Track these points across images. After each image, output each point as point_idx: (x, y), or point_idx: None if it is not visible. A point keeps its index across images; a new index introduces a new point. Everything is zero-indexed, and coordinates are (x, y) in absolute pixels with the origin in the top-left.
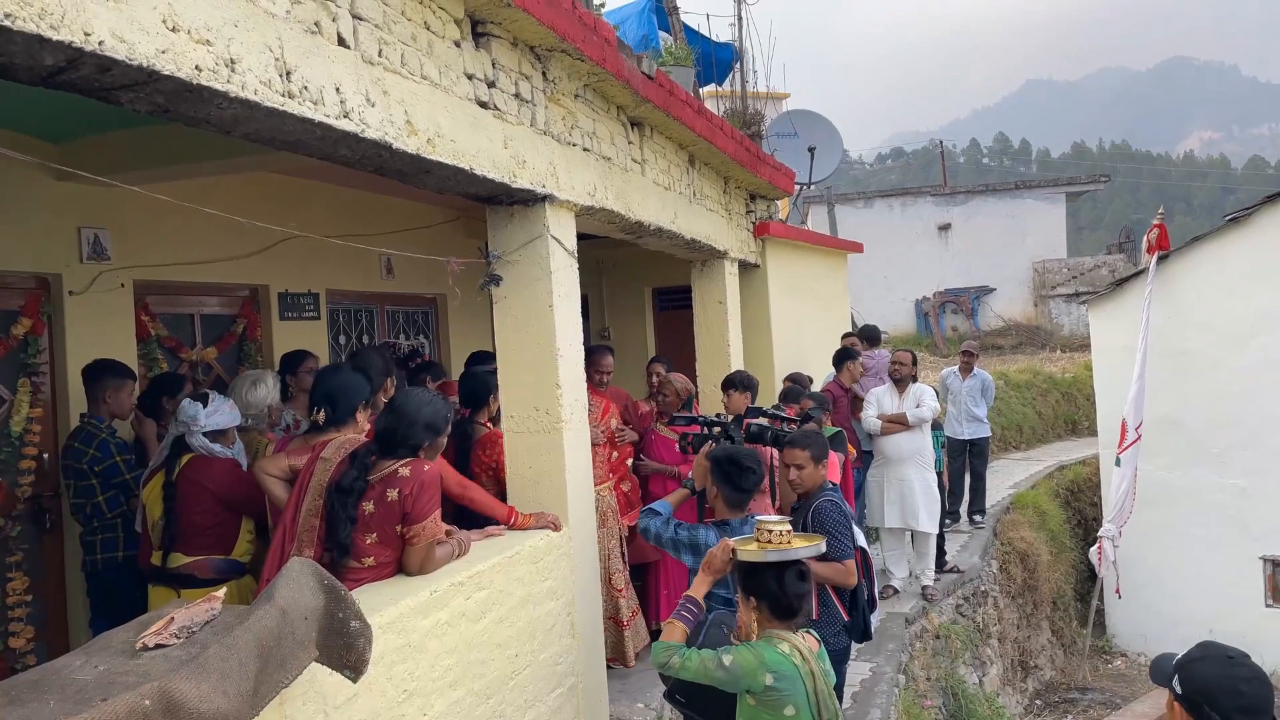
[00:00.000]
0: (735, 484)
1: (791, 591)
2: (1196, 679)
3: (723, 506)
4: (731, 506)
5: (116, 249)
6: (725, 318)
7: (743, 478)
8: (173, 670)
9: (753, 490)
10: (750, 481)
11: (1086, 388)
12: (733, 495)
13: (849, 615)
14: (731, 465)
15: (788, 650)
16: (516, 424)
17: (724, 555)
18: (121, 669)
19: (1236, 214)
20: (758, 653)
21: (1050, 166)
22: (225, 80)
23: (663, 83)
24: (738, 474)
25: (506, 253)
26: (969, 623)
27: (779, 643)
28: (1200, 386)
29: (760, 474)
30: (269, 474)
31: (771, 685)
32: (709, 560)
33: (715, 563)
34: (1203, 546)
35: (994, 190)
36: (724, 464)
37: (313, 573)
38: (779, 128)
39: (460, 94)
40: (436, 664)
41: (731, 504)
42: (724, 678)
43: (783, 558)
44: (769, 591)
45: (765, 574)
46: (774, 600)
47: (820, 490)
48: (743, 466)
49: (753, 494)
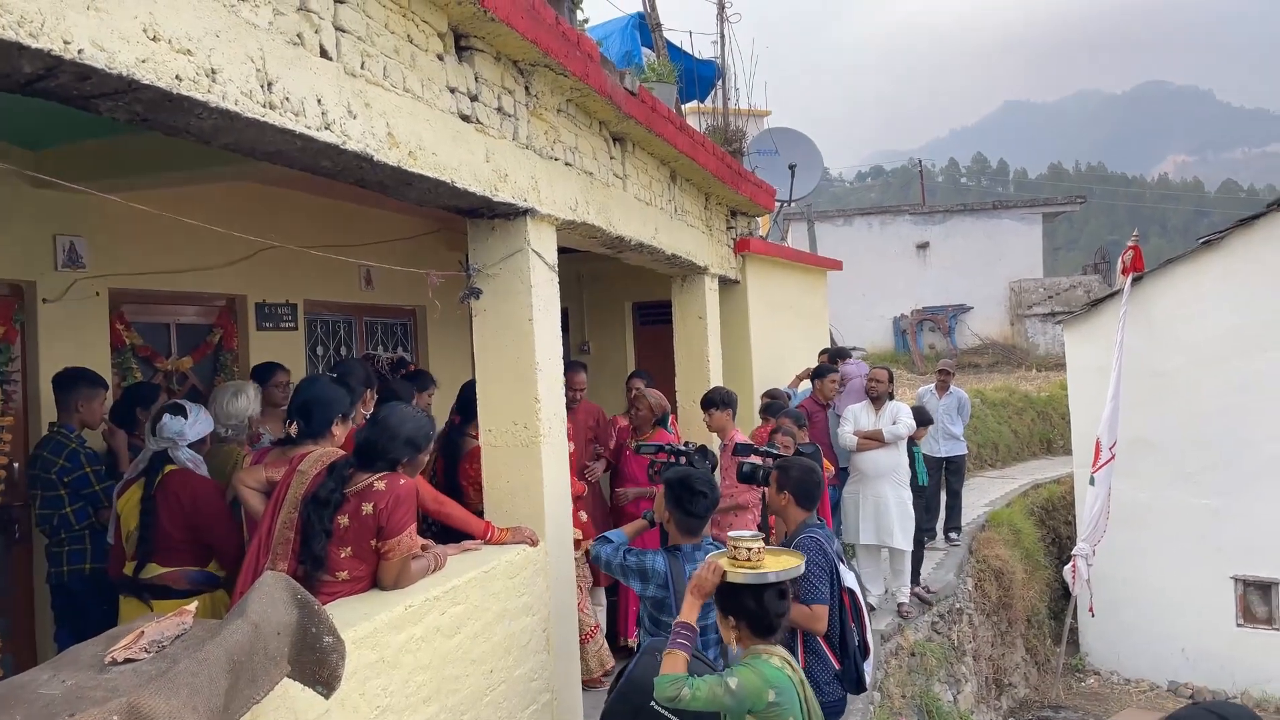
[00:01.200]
0: (686, 508)
1: (771, 610)
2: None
3: (675, 531)
4: (684, 532)
5: (92, 257)
6: (705, 333)
7: (693, 502)
8: (142, 685)
9: (704, 515)
10: (701, 506)
11: (1062, 407)
12: (684, 520)
13: (840, 663)
14: (683, 489)
15: (779, 664)
16: (495, 437)
17: (713, 577)
18: (90, 684)
19: (1210, 237)
20: (758, 670)
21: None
22: (206, 90)
23: (645, 99)
24: (688, 498)
25: (487, 266)
26: (944, 640)
27: (769, 657)
28: (1174, 407)
29: (713, 498)
30: (246, 486)
31: (774, 701)
32: (698, 582)
33: (705, 585)
34: (1176, 566)
35: (972, 210)
36: (675, 487)
37: (286, 587)
38: (760, 145)
39: (442, 107)
40: (410, 680)
41: (683, 529)
42: (731, 703)
43: (761, 580)
44: (748, 611)
45: (744, 593)
46: (753, 619)
47: (803, 527)
48: (694, 490)
49: (705, 519)
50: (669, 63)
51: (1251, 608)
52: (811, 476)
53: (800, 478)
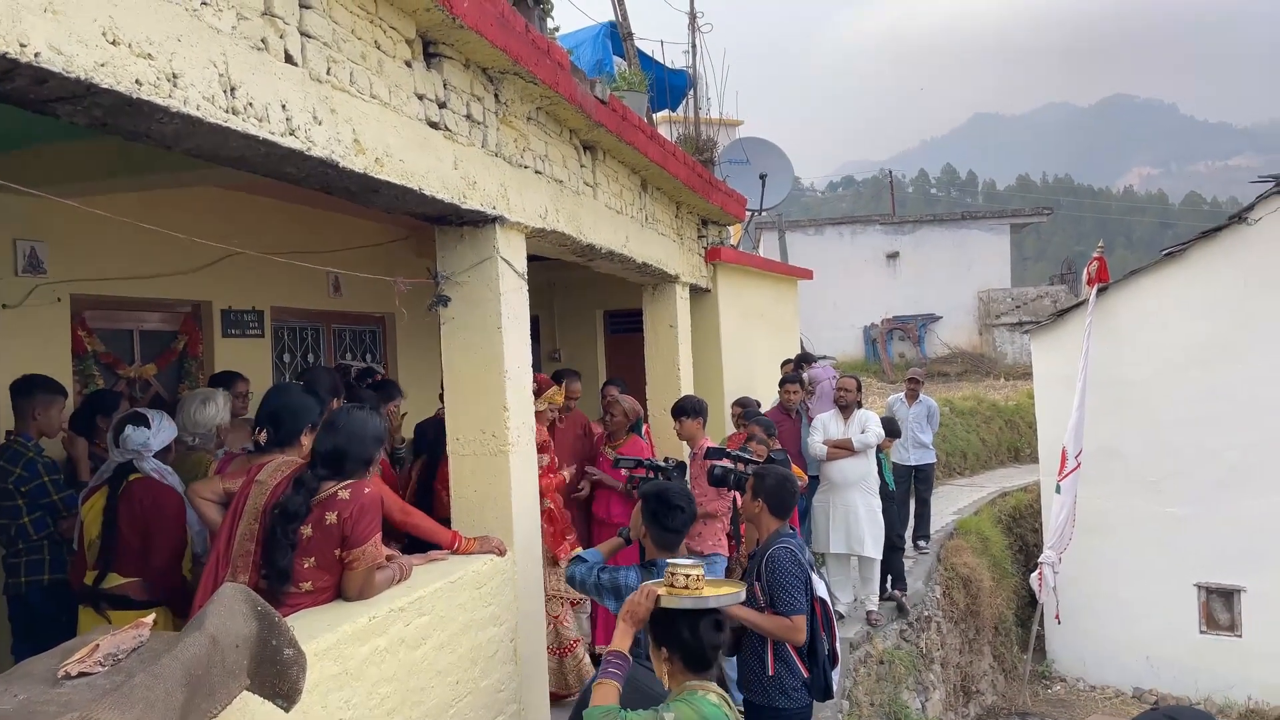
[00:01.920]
0: (662, 523)
1: (706, 642)
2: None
3: (651, 546)
4: (660, 547)
5: (54, 262)
6: (676, 342)
7: (670, 516)
8: (96, 700)
9: (682, 530)
10: (678, 521)
11: (1029, 415)
12: (660, 535)
13: (809, 671)
14: (659, 503)
15: (716, 700)
16: (462, 446)
17: (647, 602)
18: (42, 698)
19: (1173, 249)
20: (696, 707)
21: (995, 198)
22: (167, 95)
23: (616, 107)
24: (665, 512)
25: (456, 274)
26: (912, 648)
27: (706, 694)
28: (1138, 416)
29: (691, 512)
30: (202, 497)
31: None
32: (631, 609)
33: (638, 610)
34: (1140, 573)
35: (941, 220)
36: (651, 501)
37: (245, 599)
38: (731, 154)
39: (410, 114)
40: (374, 692)
41: (660, 544)
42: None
43: (700, 604)
44: (682, 641)
45: (678, 622)
46: (687, 651)
47: (776, 536)
48: (670, 504)
49: (683, 534)
50: (640, 71)
51: (1214, 615)
52: (787, 485)
53: (776, 486)
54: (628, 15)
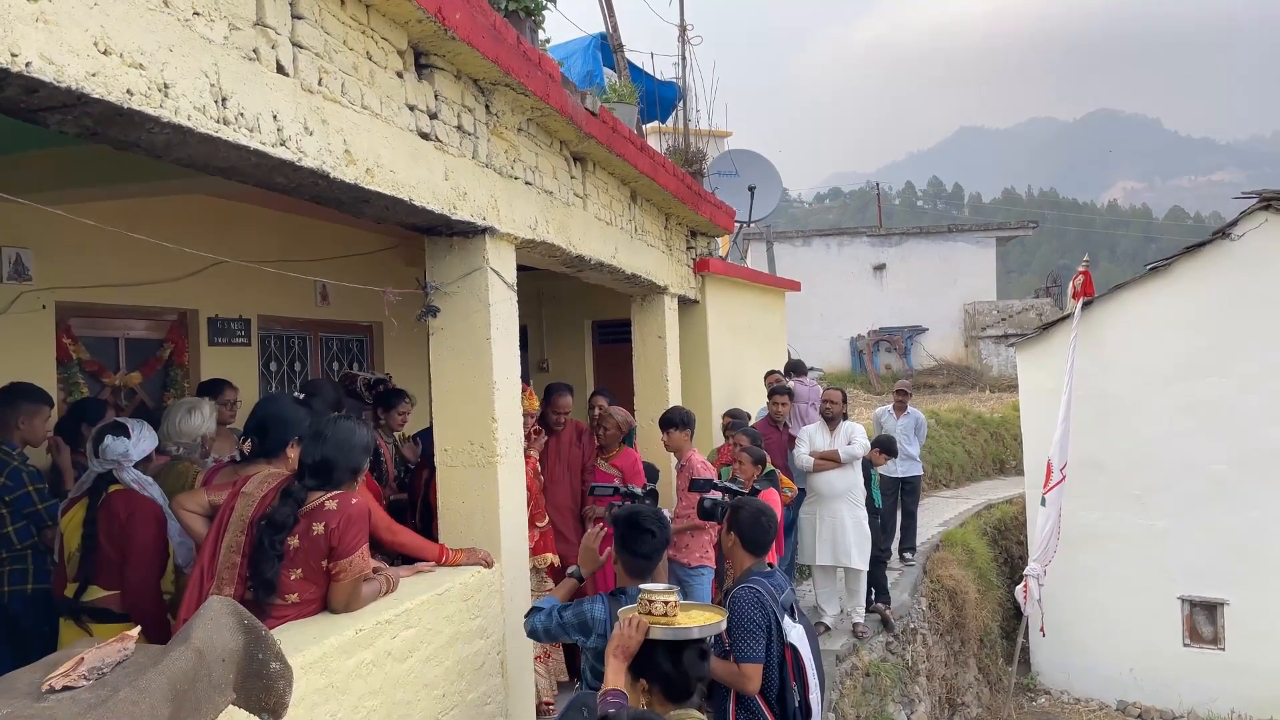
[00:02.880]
0: (632, 548)
1: (691, 672)
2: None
3: (622, 573)
4: (631, 574)
5: (39, 269)
6: (664, 352)
7: (639, 541)
8: (80, 714)
9: (653, 556)
10: (648, 546)
11: (1014, 428)
12: (631, 561)
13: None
14: (629, 527)
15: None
16: (450, 457)
17: (638, 634)
18: (26, 712)
19: (1157, 263)
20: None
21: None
22: (158, 105)
23: (606, 119)
24: (635, 537)
25: (445, 284)
26: (898, 660)
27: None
28: (1122, 430)
29: (663, 537)
30: (187, 509)
31: None
32: (622, 643)
33: (630, 644)
34: (1124, 586)
35: (927, 233)
36: (621, 526)
37: (232, 612)
38: (720, 166)
39: (401, 125)
40: (360, 705)
41: (631, 571)
42: None
43: (683, 635)
44: (663, 673)
45: (659, 652)
46: (669, 682)
47: (748, 574)
48: (640, 528)
49: (654, 560)
50: (630, 83)
51: (1198, 628)
52: (761, 520)
53: (750, 520)
54: (618, 27)
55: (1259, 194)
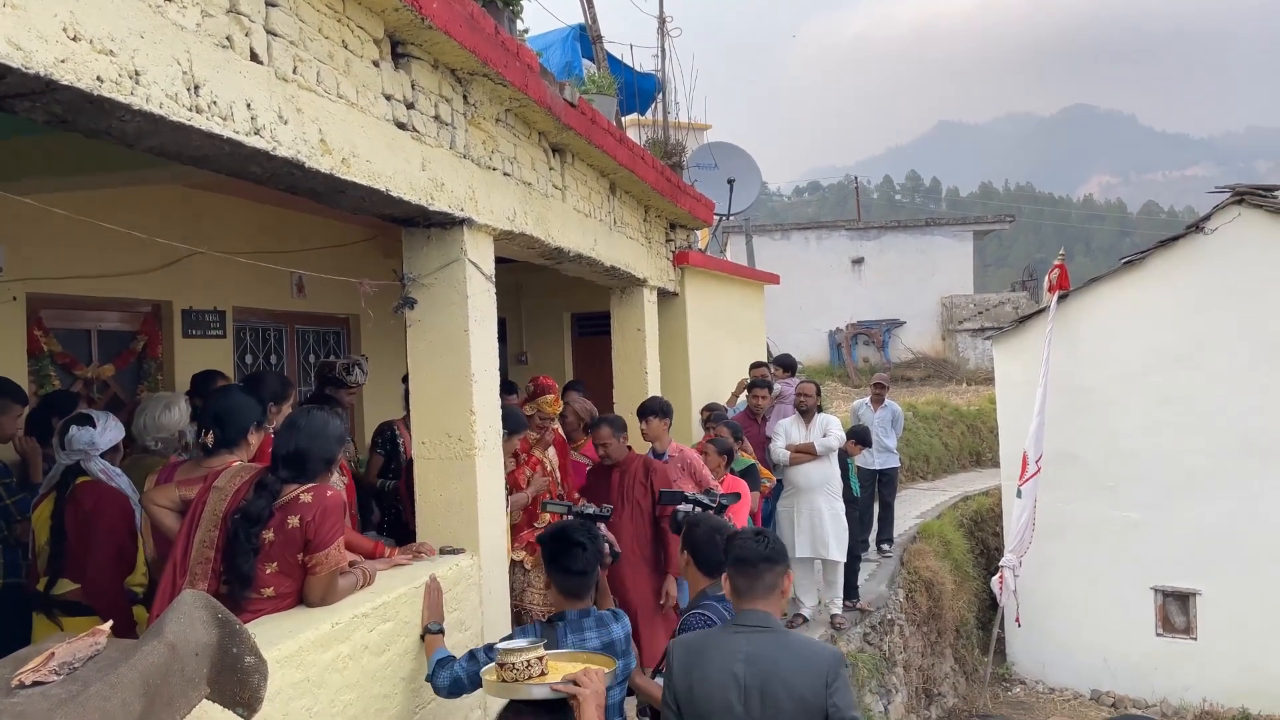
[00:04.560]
0: (562, 565)
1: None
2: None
3: (556, 596)
4: (566, 595)
5: (9, 260)
6: (644, 345)
7: (570, 557)
8: (51, 710)
9: (587, 572)
10: (579, 562)
11: (990, 420)
12: (563, 580)
13: None
14: (556, 543)
15: None
16: (428, 450)
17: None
18: None
19: (1132, 257)
20: None
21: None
22: (128, 92)
23: (585, 110)
24: (563, 553)
25: (422, 275)
26: (876, 651)
27: None
28: (1096, 422)
29: (594, 550)
30: (158, 505)
31: None
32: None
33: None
34: (1098, 577)
35: (905, 226)
36: (549, 544)
37: (205, 606)
38: (700, 159)
39: (378, 114)
40: (336, 699)
41: (565, 591)
42: None
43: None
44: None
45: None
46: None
47: (700, 597)
48: (570, 542)
49: (588, 575)
50: (609, 75)
51: (1170, 618)
52: (717, 539)
53: (705, 539)
54: (597, 18)
55: (1232, 189)
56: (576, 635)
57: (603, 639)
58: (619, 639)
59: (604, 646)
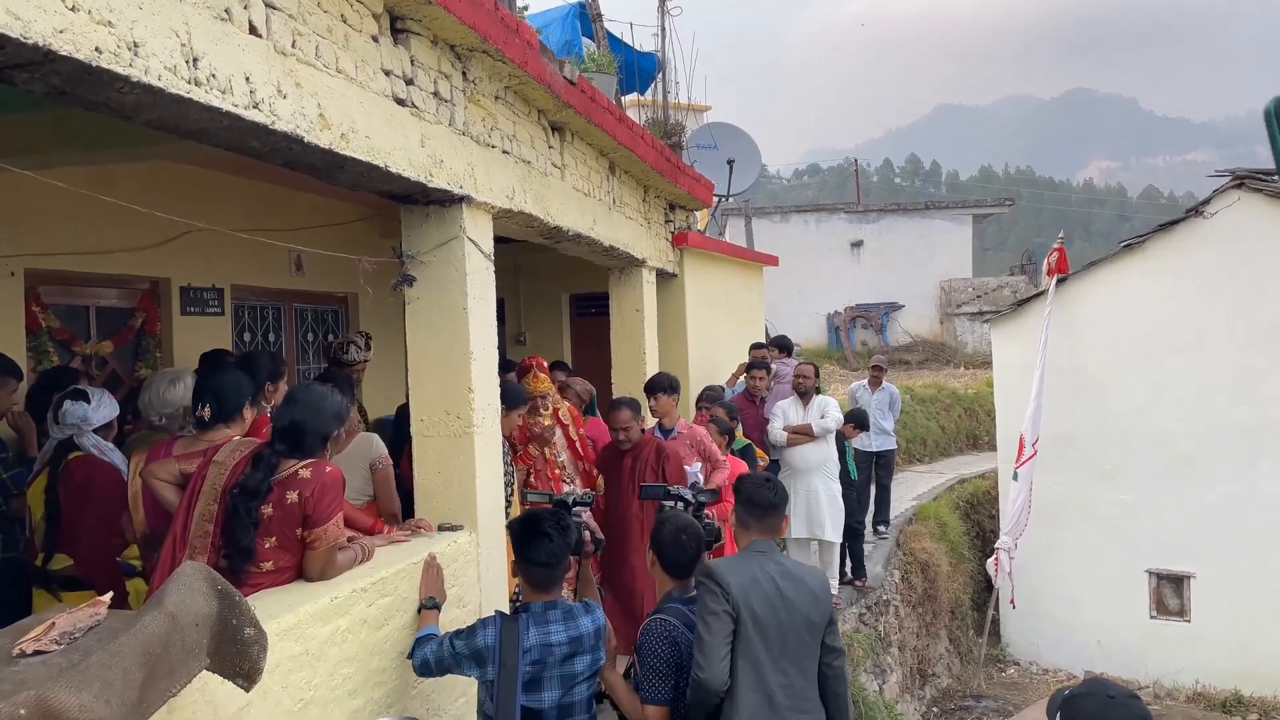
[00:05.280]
0: (528, 556)
1: None
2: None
3: (525, 587)
4: (534, 586)
5: (8, 236)
6: (642, 326)
7: (535, 548)
8: (51, 678)
9: (553, 564)
10: (544, 553)
11: (987, 403)
12: (529, 572)
13: None
14: (524, 532)
15: None
16: (426, 427)
17: None
18: None
19: (1132, 240)
20: None
21: (958, 188)
22: (127, 64)
23: (585, 88)
24: (530, 543)
25: (421, 253)
26: (871, 631)
27: None
28: (1094, 405)
29: (562, 542)
30: (158, 478)
31: None
32: None
33: None
34: (1093, 559)
35: (905, 210)
36: (516, 531)
37: (206, 577)
38: (699, 139)
39: (377, 90)
40: (336, 672)
41: (533, 583)
42: None
43: None
44: None
45: None
46: None
47: (665, 599)
48: (537, 533)
49: (555, 568)
50: (609, 54)
51: (1164, 600)
52: (682, 539)
53: (670, 539)
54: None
55: (1232, 173)
56: (540, 628)
57: (570, 632)
58: (587, 633)
59: (570, 641)
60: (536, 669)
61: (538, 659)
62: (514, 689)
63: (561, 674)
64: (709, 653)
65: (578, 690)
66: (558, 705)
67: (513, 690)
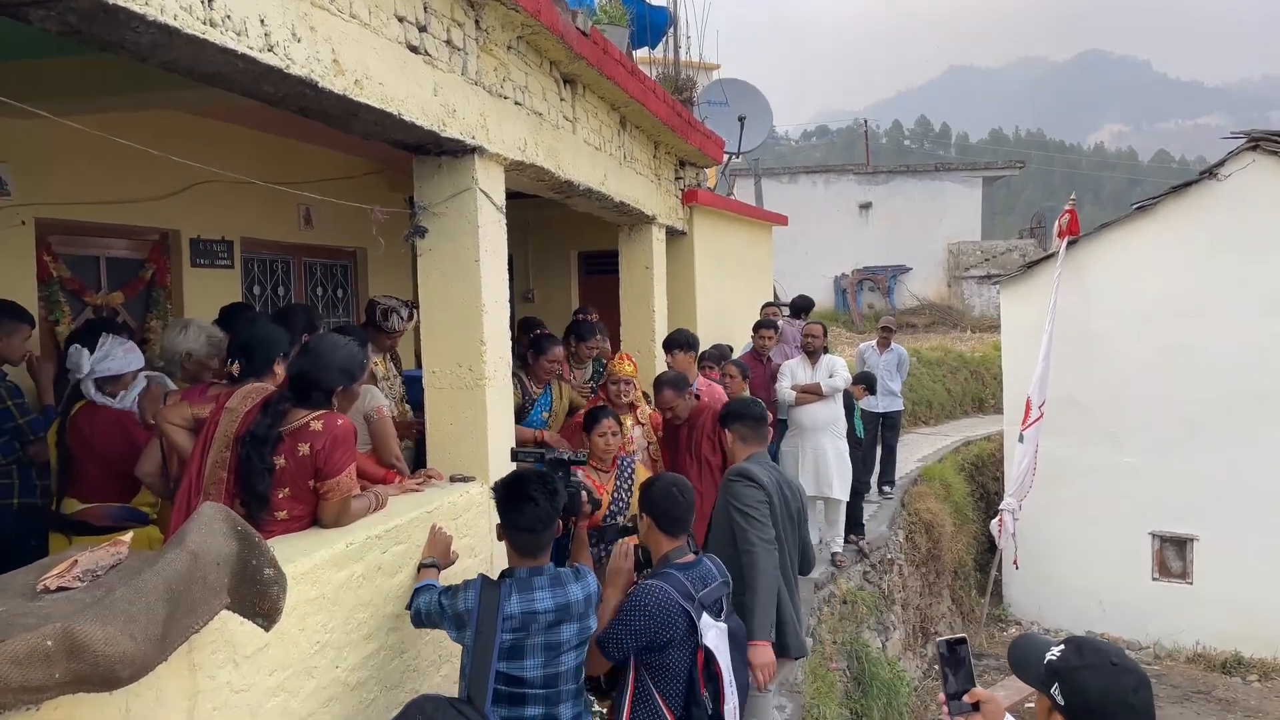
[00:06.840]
0: (511, 519)
1: None
2: (1086, 692)
3: (510, 551)
4: (519, 551)
5: (18, 185)
6: (651, 283)
7: (518, 512)
8: (77, 612)
9: (539, 529)
10: (527, 517)
11: (994, 367)
12: (513, 536)
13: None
14: (508, 493)
15: None
16: (438, 379)
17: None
18: (21, 610)
19: (1143, 203)
20: None
21: (968, 151)
22: (143, 3)
23: (597, 40)
24: (513, 507)
25: (433, 204)
26: (875, 589)
27: None
28: (1101, 368)
29: (547, 507)
30: (171, 423)
31: None
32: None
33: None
34: (1097, 522)
35: (914, 172)
36: (500, 492)
37: (225, 518)
38: (710, 96)
39: (390, 36)
40: (351, 617)
41: (517, 547)
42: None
43: None
44: None
45: None
46: None
47: (663, 562)
48: (522, 495)
49: (540, 534)
50: (621, 6)
51: (1167, 562)
52: (674, 493)
53: (663, 495)
54: None
55: (1248, 134)
56: (524, 595)
57: (557, 599)
58: (576, 600)
59: (557, 608)
60: (519, 636)
61: (519, 627)
62: (489, 658)
63: (546, 641)
64: (765, 531)
65: (565, 659)
66: (542, 673)
67: (488, 659)
